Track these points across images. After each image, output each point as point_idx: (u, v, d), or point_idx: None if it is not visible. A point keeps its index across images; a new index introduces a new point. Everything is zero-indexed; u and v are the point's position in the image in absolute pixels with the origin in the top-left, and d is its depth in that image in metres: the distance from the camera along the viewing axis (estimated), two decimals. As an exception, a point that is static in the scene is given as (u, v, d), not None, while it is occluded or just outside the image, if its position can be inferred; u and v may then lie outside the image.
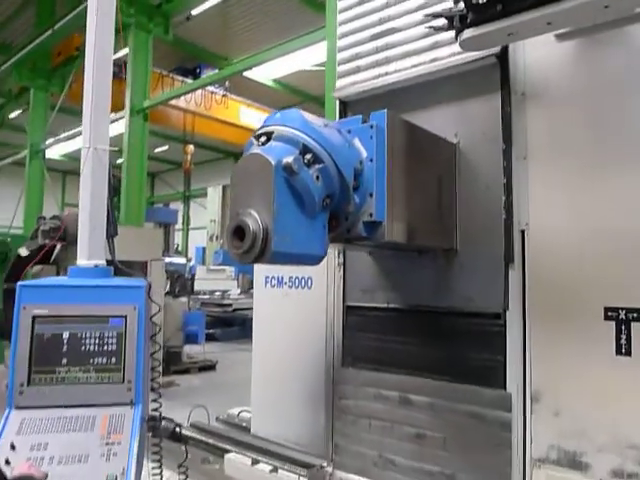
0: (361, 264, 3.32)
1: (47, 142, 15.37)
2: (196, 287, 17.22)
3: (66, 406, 2.03)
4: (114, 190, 2.32)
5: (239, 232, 1.98)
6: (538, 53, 2.71)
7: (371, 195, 2.34)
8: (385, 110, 2.44)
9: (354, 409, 3.29)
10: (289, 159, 1.98)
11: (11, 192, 19.07)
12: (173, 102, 13.27)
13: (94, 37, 2.29)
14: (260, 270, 3.92)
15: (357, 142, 2.38)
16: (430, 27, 2.33)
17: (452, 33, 2.25)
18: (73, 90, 12.47)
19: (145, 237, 8.46)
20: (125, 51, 11.65)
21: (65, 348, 2.07)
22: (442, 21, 2.21)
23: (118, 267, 2.36)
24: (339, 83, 3.55)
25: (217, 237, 21.18)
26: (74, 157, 16.32)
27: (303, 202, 2.08)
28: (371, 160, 2.35)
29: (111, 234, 2.30)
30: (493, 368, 2.75)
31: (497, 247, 2.75)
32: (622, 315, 2.40)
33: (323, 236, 2.20)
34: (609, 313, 2.43)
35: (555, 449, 2.54)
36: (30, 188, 14.65)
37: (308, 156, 2.08)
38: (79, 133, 11.94)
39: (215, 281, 18.06)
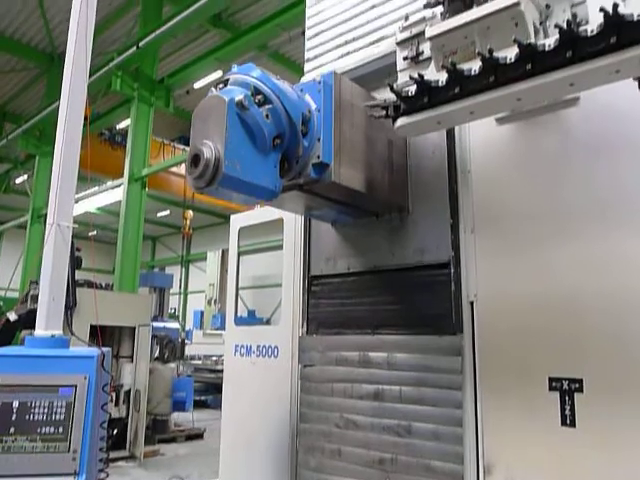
0: (324, 236, 3.57)
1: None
2: (192, 352, 17.06)
3: (10, 476, 2.07)
4: (78, 263, 2.44)
5: (195, 159, 2.24)
6: (481, 134, 2.91)
7: (319, 140, 2.59)
8: (333, 70, 2.80)
9: (318, 374, 3.38)
10: (240, 96, 2.27)
11: (14, 255, 19.31)
12: (174, 169, 13.73)
13: (63, 124, 2.49)
14: (230, 339, 4.00)
15: (307, 97, 2.68)
16: (371, 115, 2.53)
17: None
18: (77, 158, 12.93)
19: (134, 303, 8.52)
20: (127, 122, 12.21)
21: (14, 417, 2.13)
22: (381, 110, 2.41)
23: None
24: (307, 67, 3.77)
25: (215, 301, 21.22)
26: (75, 221, 16.60)
27: (255, 137, 2.34)
28: (319, 110, 2.64)
29: (69, 305, 2.41)
30: (444, 316, 2.88)
31: (444, 204, 2.98)
32: (565, 385, 2.45)
33: (275, 174, 2.45)
34: (553, 383, 2.48)
35: (507, 523, 2.52)
36: (29, 251, 14.88)
37: (259, 97, 2.37)
38: (82, 197, 12.26)
39: (211, 346, 17.93)
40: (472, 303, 2.80)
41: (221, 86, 2.45)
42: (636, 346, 2.30)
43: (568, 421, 2.42)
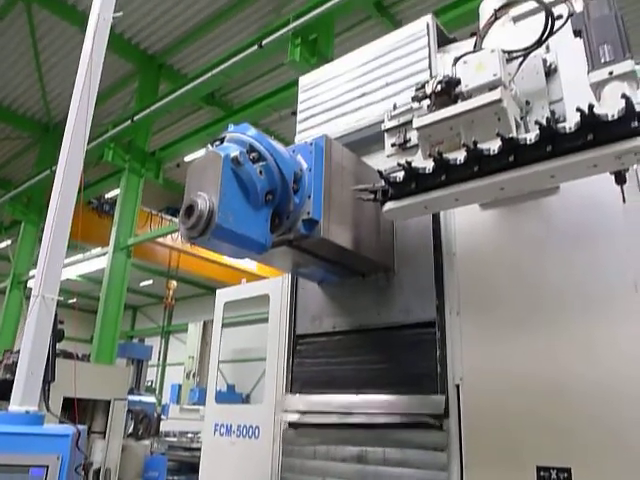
0: (311, 295, 3.56)
1: (31, 273, 15.54)
2: (167, 428, 16.31)
3: None
4: (60, 336, 2.40)
5: (189, 210, 2.27)
6: (466, 218, 2.99)
7: (309, 197, 2.65)
8: (325, 134, 2.92)
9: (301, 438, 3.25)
10: (236, 153, 2.34)
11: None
12: (160, 240, 13.76)
13: (56, 200, 2.52)
14: (211, 417, 3.87)
15: (300, 157, 2.77)
16: (359, 198, 2.61)
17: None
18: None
19: (111, 375, 8.23)
20: (116, 191, 12.35)
21: (-21, 500, 2.01)
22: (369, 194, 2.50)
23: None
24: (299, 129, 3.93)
25: (194, 374, 20.60)
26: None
27: (248, 192, 2.39)
28: (310, 170, 2.72)
29: (48, 380, 2.34)
30: (428, 375, 2.83)
31: (428, 266, 3.04)
32: (554, 475, 2.39)
33: (265, 228, 2.49)
34: (541, 473, 2.42)
35: None
36: (6, 318, 14.50)
37: (254, 154, 2.46)
38: (66, 265, 12.13)
39: (188, 422, 17.20)
40: (458, 386, 2.77)
41: (217, 143, 2.55)
42: (626, 434, 2.27)
43: (558, 513, 2.35)
